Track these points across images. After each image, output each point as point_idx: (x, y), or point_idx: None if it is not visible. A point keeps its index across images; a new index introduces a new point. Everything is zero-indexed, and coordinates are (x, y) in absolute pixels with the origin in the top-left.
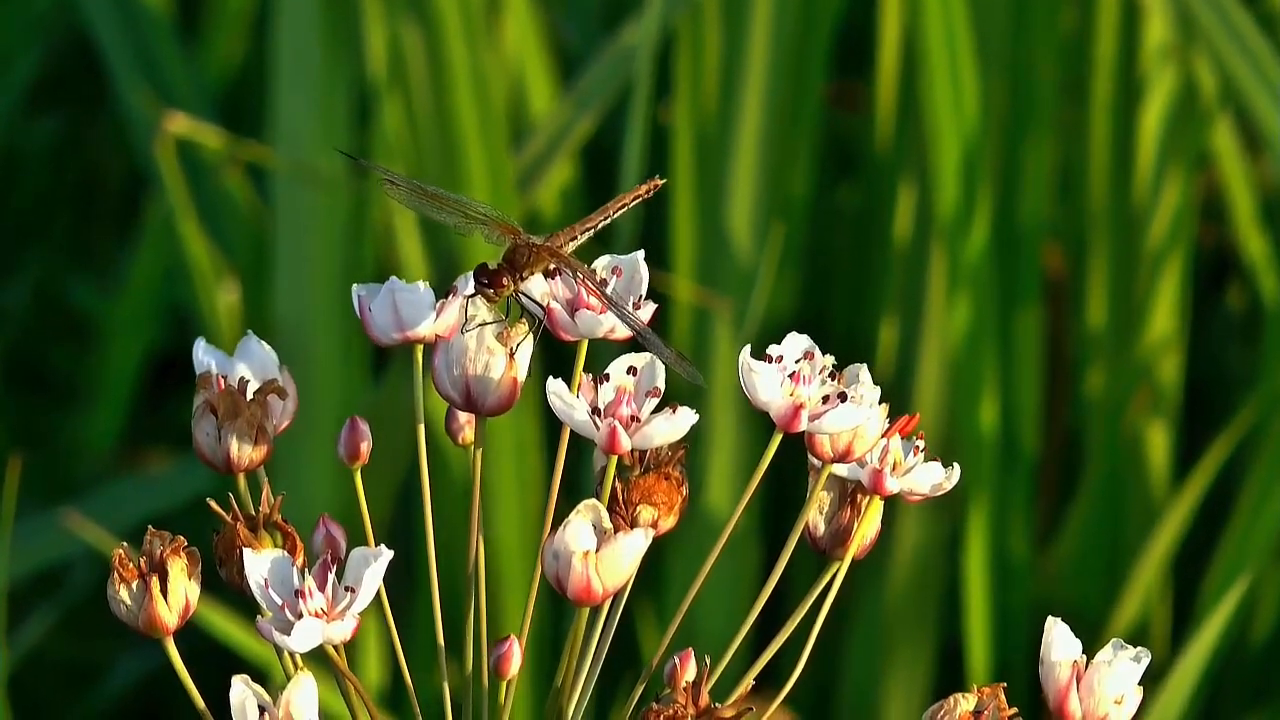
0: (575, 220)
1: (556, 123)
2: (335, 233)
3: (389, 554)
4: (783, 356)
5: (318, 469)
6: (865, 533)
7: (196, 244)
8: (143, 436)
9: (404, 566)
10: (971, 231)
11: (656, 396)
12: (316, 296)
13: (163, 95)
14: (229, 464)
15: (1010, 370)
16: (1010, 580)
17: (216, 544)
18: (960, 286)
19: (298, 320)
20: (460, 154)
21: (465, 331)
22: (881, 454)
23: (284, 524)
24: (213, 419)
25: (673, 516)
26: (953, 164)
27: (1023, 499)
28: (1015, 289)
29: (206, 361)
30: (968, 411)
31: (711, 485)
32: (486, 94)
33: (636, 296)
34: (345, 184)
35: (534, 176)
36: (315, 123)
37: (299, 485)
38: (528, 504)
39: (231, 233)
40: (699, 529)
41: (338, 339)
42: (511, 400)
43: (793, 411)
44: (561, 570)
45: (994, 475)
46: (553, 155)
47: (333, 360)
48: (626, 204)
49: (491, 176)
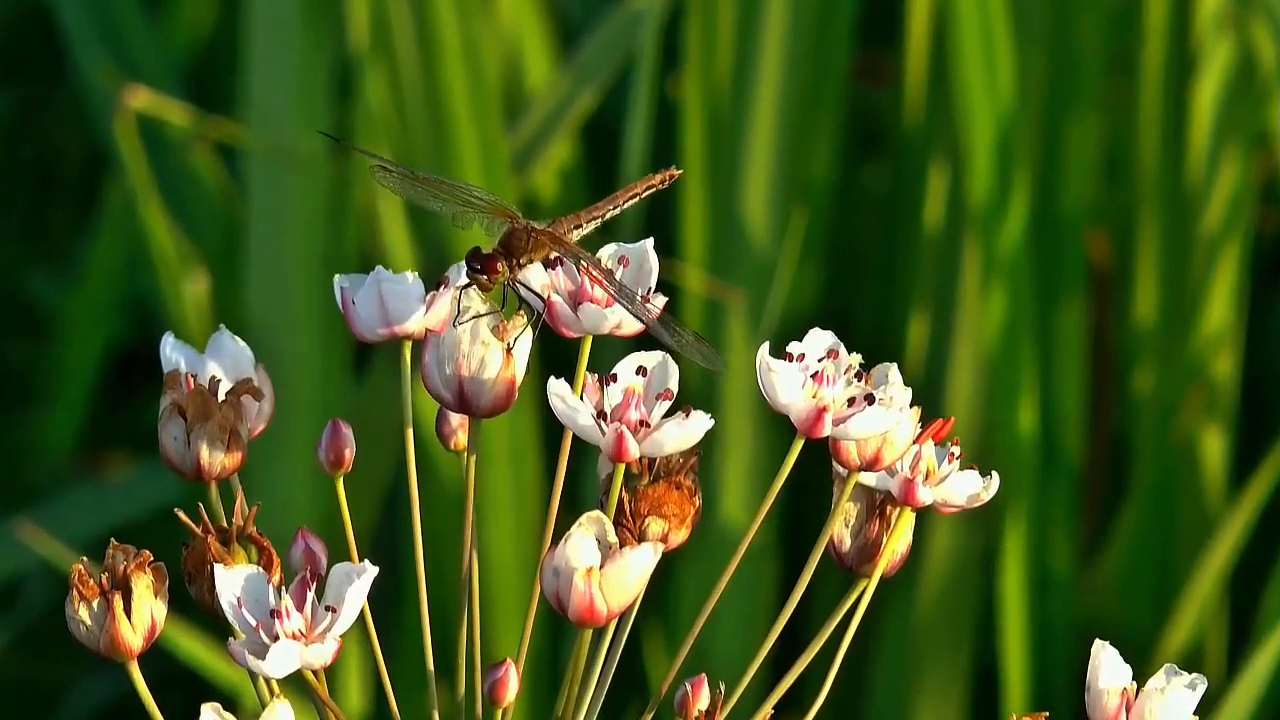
0: (575, 204)
1: (555, 97)
2: (314, 218)
3: (373, 570)
4: (804, 355)
5: (295, 477)
6: (895, 547)
7: (161, 230)
8: (103, 440)
9: (390, 584)
10: (1008, 217)
11: (668, 399)
12: (294, 288)
13: (124, 68)
14: (199, 471)
15: (1051, 369)
16: (1051, 598)
17: (185, 559)
18: (996, 278)
19: (273, 314)
20: (450, 131)
21: (458, 325)
22: (913, 461)
23: (259, 537)
24: (181, 422)
25: (684, 529)
26: (986, 144)
27: (1065, 509)
28: (1056, 280)
29: (175, 359)
30: (1004, 414)
31: (726, 495)
32: (479, 66)
33: (646, 289)
34: (325, 164)
35: (530, 156)
36: (292, 97)
37: (275, 494)
38: (525, 515)
39: (200, 218)
40: (712, 543)
41: (317, 334)
42: (508, 401)
43: (815, 415)
44: (562, 588)
45: (1033, 483)
46: (551, 133)
47: (312, 358)
48: (638, 194)
49: (484, 156)
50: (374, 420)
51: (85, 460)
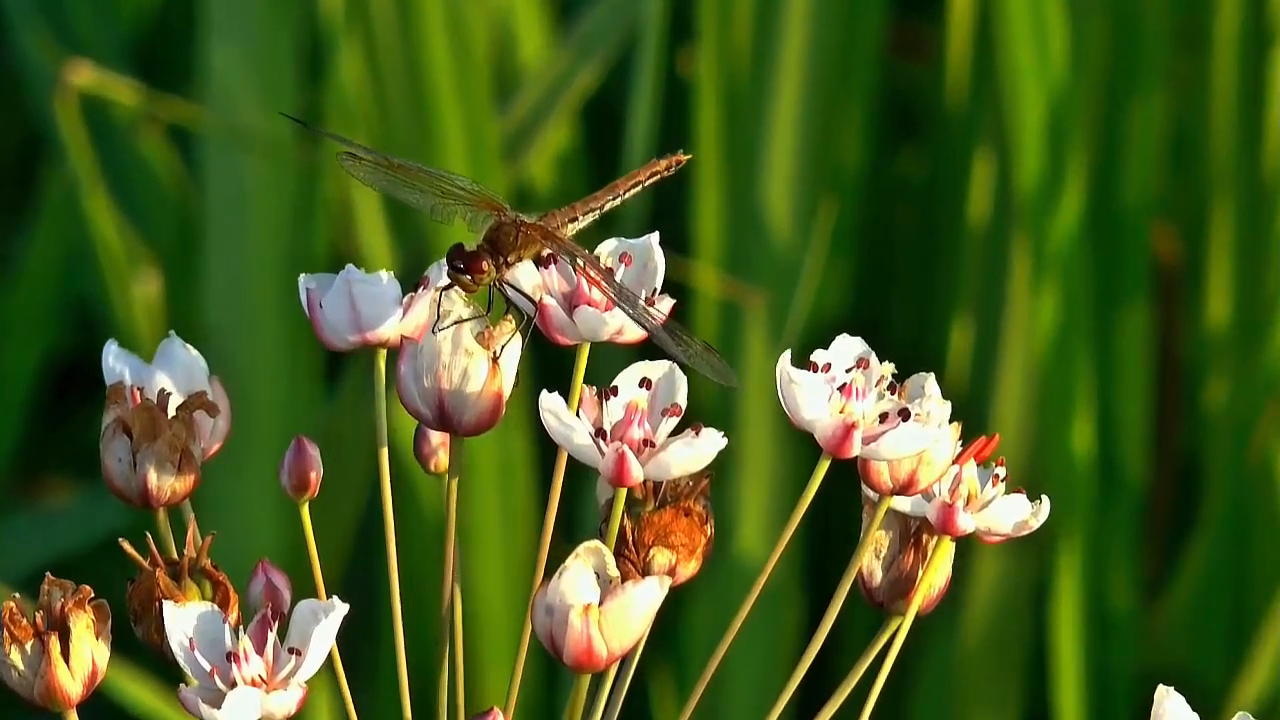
0: (574, 195)
1: (551, 74)
2: (280, 211)
3: (343, 608)
4: (831, 364)
5: (255, 502)
6: (932, 581)
7: (106, 223)
8: (40, 460)
9: (363, 622)
10: (1061, 209)
11: (676, 415)
12: (256, 290)
13: (65, 40)
14: (146, 496)
15: (1110, 381)
16: (1110, 639)
17: (131, 595)
18: (1048, 277)
19: (233, 319)
20: (433, 114)
21: (438, 332)
22: (953, 484)
23: (214, 570)
24: (126, 440)
25: (694, 561)
26: (1037, 126)
27: (1125, 538)
28: (1116, 280)
29: (119, 369)
30: (1057, 431)
31: (742, 522)
32: (465, 39)
33: (650, 290)
34: (292, 150)
35: (523, 141)
36: (254, 74)
37: (232, 522)
38: (514, 545)
39: (150, 210)
40: (727, 576)
41: (282, 342)
42: (495, 417)
43: (843, 432)
44: (557, 628)
45: (1090, 509)
46: (546, 115)
47: (276, 369)
48: (641, 182)
49: (471, 141)
50: (345, 439)
51: (19, 483)
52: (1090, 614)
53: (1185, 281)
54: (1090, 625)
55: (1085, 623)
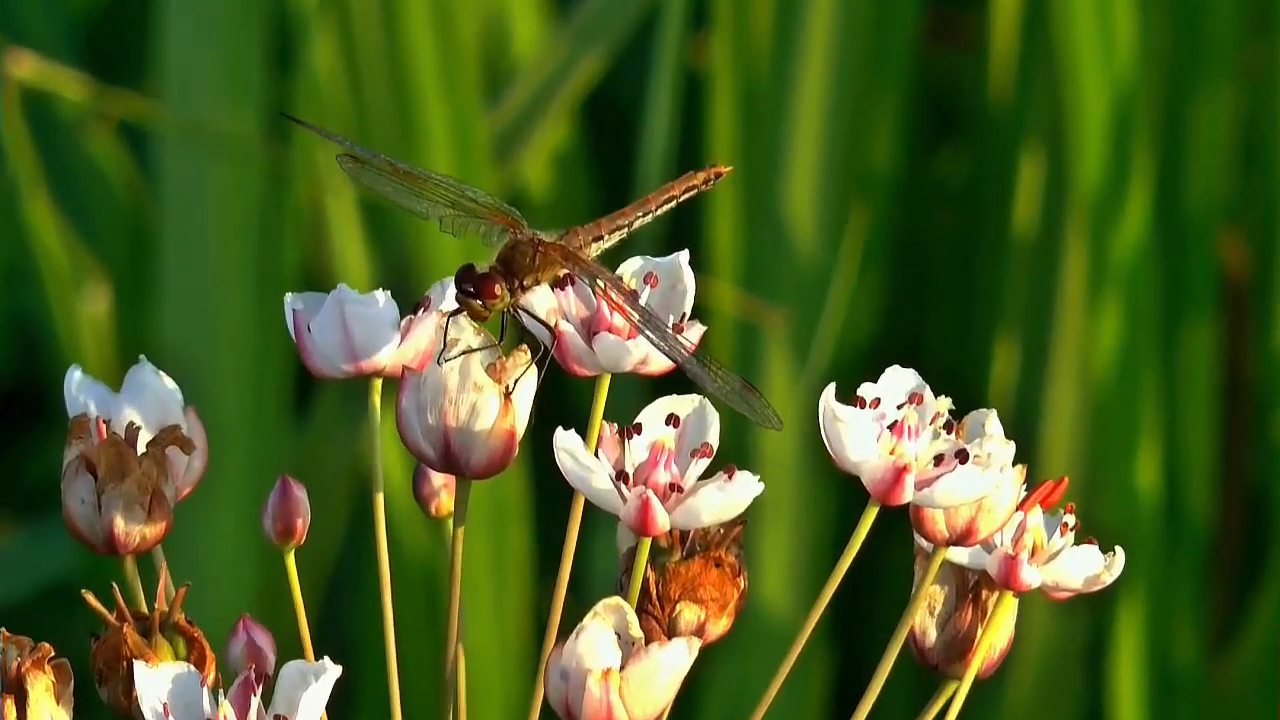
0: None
1: (549, 65)
2: (244, 219)
3: (335, 670)
4: (880, 399)
5: (218, 546)
6: (993, 642)
7: (50, 232)
8: None
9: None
10: (1125, 215)
11: (707, 456)
12: (217, 308)
13: (6, 28)
14: (113, 542)
15: (1175, 408)
16: (1174, 696)
17: (96, 653)
18: (1109, 291)
19: (191, 341)
20: (415, 109)
21: (443, 362)
22: (1016, 534)
23: (189, 627)
24: (91, 480)
25: (726, 618)
26: (1099, 122)
27: (1191, 585)
28: (1181, 293)
29: (82, 399)
30: (1118, 465)
31: (763, 573)
32: (452, 25)
33: (679, 315)
34: (258, 151)
35: (516, 139)
36: (216, 66)
37: (193, 567)
38: (506, 599)
39: (99, 217)
40: (746, 636)
41: (246, 367)
42: (506, 458)
43: (894, 476)
44: (573, 695)
45: (1153, 553)
46: (542, 110)
47: (239, 396)
48: (676, 197)
49: (458, 139)
50: (317, 475)
51: None
52: (1152, 671)
53: (1254, 294)
54: (1152, 683)
55: (1147, 681)
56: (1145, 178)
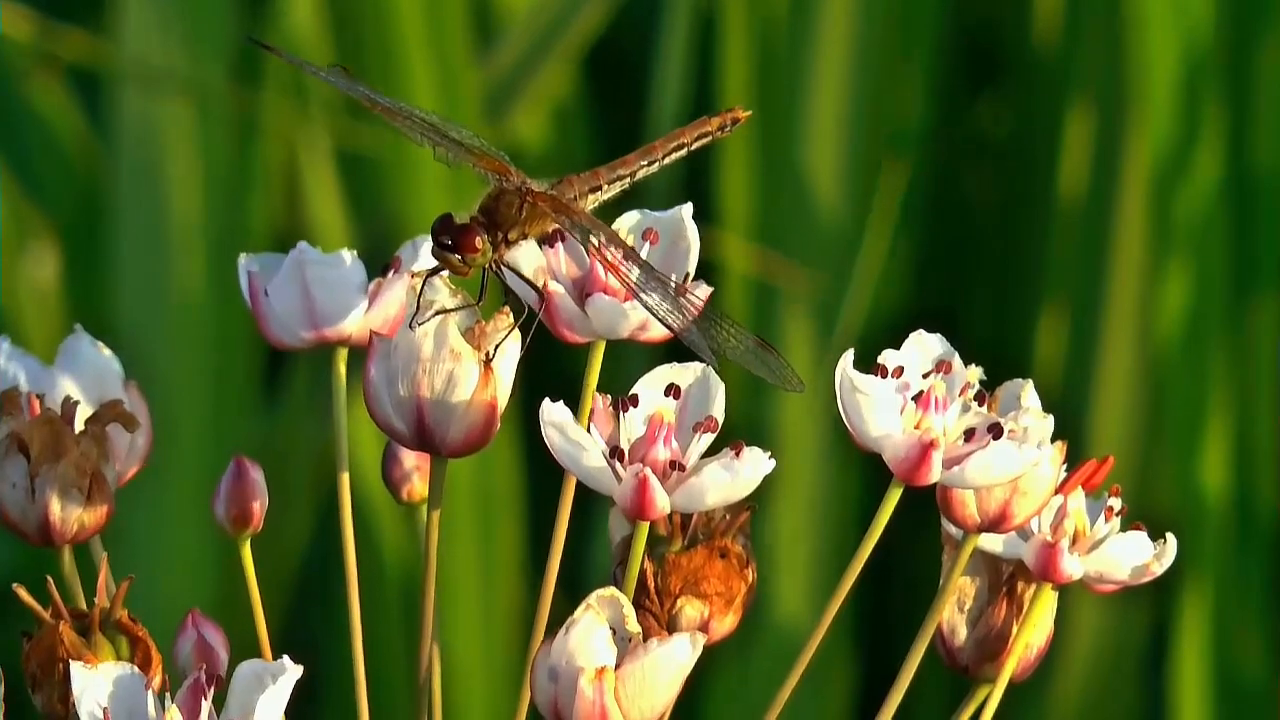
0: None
1: (547, 11)
2: (208, 176)
3: (295, 671)
4: (904, 368)
5: (175, 537)
6: (1029, 640)
7: None
8: None
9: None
10: (1194, 175)
11: (711, 432)
12: (177, 274)
13: None
14: (47, 530)
15: (1245, 389)
16: (1240, 706)
17: (29, 654)
18: (1173, 259)
19: (148, 310)
20: (399, 59)
21: (416, 326)
22: (1055, 519)
23: (132, 624)
24: (23, 461)
25: (732, 614)
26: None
27: (1259, 585)
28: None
29: (12, 372)
30: (1180, 452)
31: (777, 565)
32: None
33: (681, 275)
34: (224, 100)
35: (511, 91)
36: (178, 6)
37: (147, 562)
38: (494, 593)
39: (45, 173)
40: (758, 633)
41: (209, 339)
42: (487, 434)
43: (920, 453)
44: (563, 697)
45: (1219, 549)
46: (540, 59)
47: (202, 372)
48: (686, 144)
49: (445, 91)
50: (286, 459)
51: None
52: (1216, 679)
53: None
54: (1216, 692)
55: (1210, 686)
56: (1216, 134)
